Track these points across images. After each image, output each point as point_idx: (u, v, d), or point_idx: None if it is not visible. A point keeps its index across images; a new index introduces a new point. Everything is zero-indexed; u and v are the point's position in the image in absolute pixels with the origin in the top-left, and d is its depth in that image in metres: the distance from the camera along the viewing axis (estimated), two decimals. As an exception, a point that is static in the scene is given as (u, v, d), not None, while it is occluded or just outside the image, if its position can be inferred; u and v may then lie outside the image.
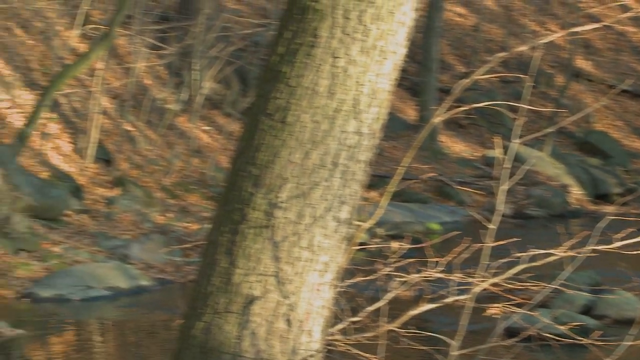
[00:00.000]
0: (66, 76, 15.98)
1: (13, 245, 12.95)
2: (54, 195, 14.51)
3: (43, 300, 12.03)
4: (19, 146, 15.18)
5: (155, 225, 15.35)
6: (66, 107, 17.52)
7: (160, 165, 17.58)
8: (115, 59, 18.83)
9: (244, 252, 3.97)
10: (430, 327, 5.46)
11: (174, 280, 13.32)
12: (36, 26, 18.63)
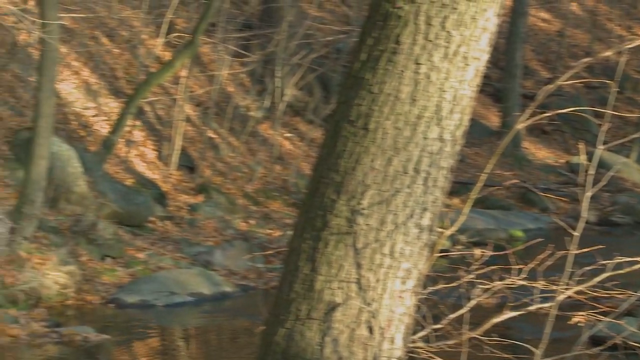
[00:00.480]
0: (151, 84, 16.17)
1: (99, 251, 13.11)
2: (139, 202, 14.67)
3: (128, 306, 12.15)
4: (104, 154, 15.39)
5: (237, 232, 15.43)
6: (151, 115, 17.72)
7: (243, 172, 17.68)
8: (199, 67, 19.01)
9: (326, 258, 3.97)
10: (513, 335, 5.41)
11: (256, 287, 13.37)
12: (122, 35, 18.87)
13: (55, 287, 11.89)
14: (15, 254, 11.90)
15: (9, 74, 16.16)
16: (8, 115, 15.22)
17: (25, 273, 11.71)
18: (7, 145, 14.47)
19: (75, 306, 11.98)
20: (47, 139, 12.70)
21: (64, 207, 13.70)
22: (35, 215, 12.44)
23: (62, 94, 16.54)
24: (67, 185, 13.76)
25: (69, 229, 13.13)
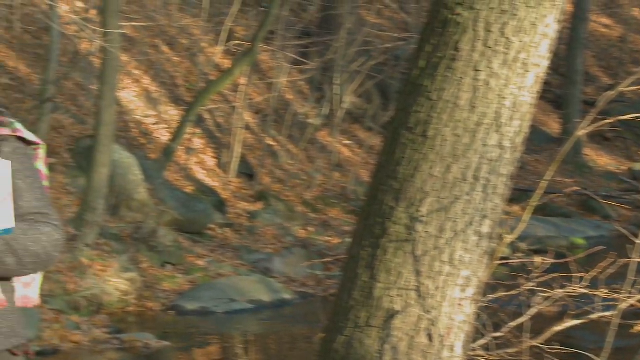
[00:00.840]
0: (210, 92, 16.27)
1: (159, 258, 13.20)
2: (199, 210, 14.75)
3: (188, 313, 12.22)
4: (165, 161, 15.50)
5: (296, 239, 15.46)
6: (210, 123, 17.82)
7: (302, 180, 17.72)
8: (258, 75, 19.09)
9: (385, 266, 3.96)
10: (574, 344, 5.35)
11: (315, 294, 13.38)
12: (182, 43, 19.02)
13: (116, 294, 11.99)
14: (77, 260, 12.02)
15: (71, 82, 16.35)
16: (70, 123, 15.40)
17: (87, 280, 11.83)
18: (69, 153, 14.64)
19: (136, 313, 12.07)
20: (109, 146, 12.82)
21: (125, 214, 13.82)
22: (96, 223, 12.56)
23: (123, 102, 16.70)
24: (128, 193, 13.87)
25: (130, 236, 13.24)
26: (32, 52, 16.63)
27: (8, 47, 16.38)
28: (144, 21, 17.47)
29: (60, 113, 15.18)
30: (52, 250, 2.57)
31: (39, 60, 16.30)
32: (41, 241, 2.53)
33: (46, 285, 11.21)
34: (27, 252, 2.50)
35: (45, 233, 2.55)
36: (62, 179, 14.05)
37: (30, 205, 2.56)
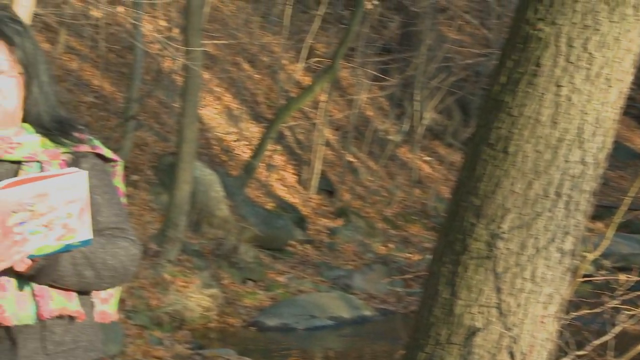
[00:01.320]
0: (291, 109, 16.34)
1: (240, 274, 13.27)
2: (279, 226, 14.80)
3: (269, 329, 12.26)
4: (246, 178, 15.60)
5: (377, 256, 15.44)
6: (291, 139, 17.90)
7: (382, 196, 17.70)
8: (338, 91, 19.13)
9: (466, 283, 3.94)
10: (660, 363, 5.26)
11: (395, 311, 13.33)
12: (263, 61, 19.15)
13: (198, 310, 12.07)
14: (159, 276, 12.14)
15: (154, 100, 16.56)
16: (153, 140, 15.58)
17: (169, 296, 11.93)
18: (152, 169, 14.80)
19: (217, 329, 12.14)
20: (191, 163, 12.94)
21: (207, 230, 13.92)
22: (178, 239, 12.67)
23: (204, 119, 16.86)
24: (210, 209, 13.98)
25: (212, 253, 13.33)
26: (116, 70, 16.88)
27: (93, 65, 16.65)
28: (226, 39, 17.63)
29: (144, 130, 15.38)
30: (129, 265, 2.60)
31: (123, 79, 16.54)
32: (119, 255, 2.57)
33: (129, 300, 11.34)
34: (105, 265, 2.54)
35: (122, 247, 2.58)
36: (145, 196, 14.21)
37: (108, 220, 2.60)
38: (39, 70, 2.57)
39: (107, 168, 2.69)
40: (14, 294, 2.46)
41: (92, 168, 2.60)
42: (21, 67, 2.54)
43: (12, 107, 2.54)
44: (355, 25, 16.28)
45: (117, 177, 2.72)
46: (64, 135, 2.59)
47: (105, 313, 2.72)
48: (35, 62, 2.56)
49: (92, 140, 2.65)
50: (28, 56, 2.55)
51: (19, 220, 2.33)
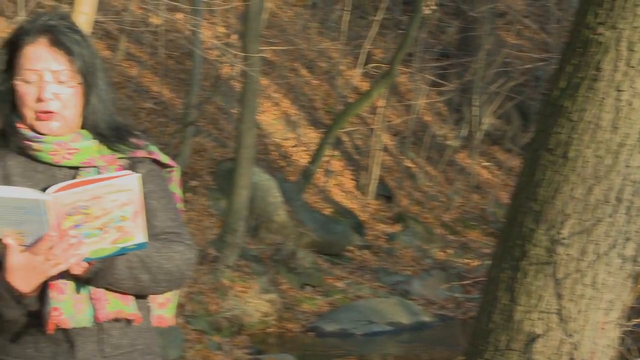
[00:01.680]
0: (349, 114, 16.34)
1: (299, 280, 13.29)
2: (337, 231, 14.81)
3: (327, 334, 12.25)
4: (303, 183, 15.62)
5: (435, 261, 15.39)
6: (348, 145, 17.90)
7: (440, 202, 17.64)
8: (396, 97, 19.11)
9: (525, 288, 3.91)
10: None
11: (454, 317, 13.27)
12: (320, 66, 19.17)
13: (257, 315, 12.11)
14: (218, 282, 12.19)
15: (212, 106, 16.65)
16: (211, 146, 15.67)
17: (228, 301, 11.98)
18: (211, 175, 14.88)
19: (276, 334, 12.17)
20: (249, 169, 12.99)
21: (265, 236, 13.97)
22: (237, 244, 12.72)
23: (262, 125, 16.92)
24: (268, 215, 14.02)
25: (270, 258, 13.37)
26: (175, 77, 17.00)
27: (152, 72, 16.79)
28: (284, 45, 17.69)
29: (202, 136, 15.47)
30: (185, 269, 2.63)
31: (182, 85, 16.65)
32: (174, 259, 2.59)
33: (189, 305, 11.41)
34: (161, 269, 2.56)
35: (178, 251, 2.61)
36: (204, 201, 14.29)
37: (164, 225, 2.63)
38: (97, 79, 2.61)
39: (164, 174, 2.73)
40: (71, 297, 2.49)
41: (149, 173, 2.63)
42: (80, 76, 2.58)
43: (71, 116, 2.58)
44: (413, 30, 16.24)
45: (173, 183, 2.75)
46: (120, 142, 2.64)
47: (163, 317, 2.75)
48: (94, 70, 2.60)
49: (148, 146, 2.69)
50: (87, 65, 2.59)
51: (74, 223, 2.36)
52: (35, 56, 2.55)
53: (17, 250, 2.38)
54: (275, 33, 18.80)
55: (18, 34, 2.59)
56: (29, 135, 2.56)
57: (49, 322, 2.46)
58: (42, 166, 2.58)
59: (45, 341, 2.50)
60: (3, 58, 2.60)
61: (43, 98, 2.53)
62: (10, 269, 2.39)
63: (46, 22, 2.58)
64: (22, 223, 2.36)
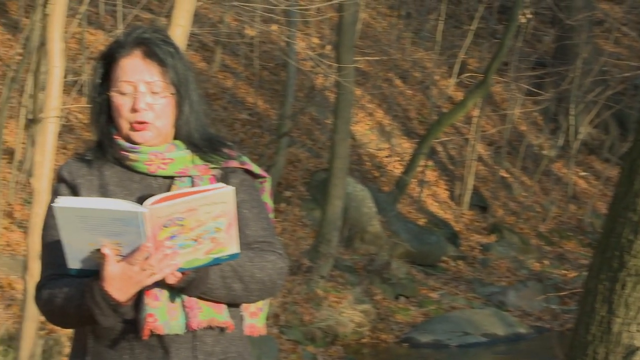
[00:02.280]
0: (443, 124, 16.27)
1: (393, 290, 13.26)
2: (431, 242, 14.74)
3: (421, 346, 12.20)
4: (398, 193, 15.59)
5: (531, 272, 15.22)
6: (442, 155, 17.83)
7: (536, 212, 17.45)
8: (491, 106, 18.97)
9: (624, 300, 3.85)
10: None
11: (551, 329, 13.11)
12: (414, 76, 19.14)
13: (351, 325, 12.11)
14: (312, 292, 12.23)
15: (306, 117, 16.73)
16: (305, 157, 15.73)
17: (322, 311, 12.00)
18: (305, 186, 14.94)
19: (370, 344, 12.15)
20: (343, 179, 13.01)
21: (359, 246, 13.97)
22: (331, 255, 12.75)
23: (356, 135, 16.95)
24: (362, 225, 14.03)
25: (364, 268, 13.36)
26: (270, 88, 17.12)
27: (247, 83, 16.93)
28: (378, 55, 17.69)
29: (296, 147, 15.54)
30: (277, 278, 2.66)
31: (276, 96, 16.76)
32: (266, 269, 2.62)
33: (283, 315, 11.47)
34: (253, 278, 2.60)
35: (270, 261, 2.64)
36: (298, 212, 14.35)
37: (257, 234, 2.67)
38: (189, 90, 2.66)
39: (256, 184, 2.76)
40: (165, 304, 2.54)
41: (241, 183, 2.67)
42: (173, 87, 2.63)
43: (164, 126, 2.63)
44: (509, 39, 16.11)
45: (265, 193, 2.78)
46: (213, 152, 2.69)
47: (254, 326, 2.77)
48: (186, 82, 2.65)
49: (241, 156, 2.73)
50: (179, 77, 2.64)
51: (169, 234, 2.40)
52: (130, 68, 2.61)
53: (114, 261, 2.44)
54: (369, 43, 18.82)
55: (113, 47, 2.66)
56: (126, 145, 2.62)
57: (144, 328, 2.51)
58: (138, 176, 2.64)
59: (140, 347, 2.56)
60: (99, 71, 2.67)
61: (137, 108, 2.59)
62: (107, 279, 2.44)
63: (140, 35, 2.65)
64: (119, 234, 2.41)
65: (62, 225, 2.40)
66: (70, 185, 2.64)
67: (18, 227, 10.91)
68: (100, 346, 2.59)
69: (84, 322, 2.55)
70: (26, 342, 6.20)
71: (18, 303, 8.95)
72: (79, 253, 2.46)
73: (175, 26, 6.04)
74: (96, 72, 2.67)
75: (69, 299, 2.52)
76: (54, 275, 2.58)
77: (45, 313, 2.62)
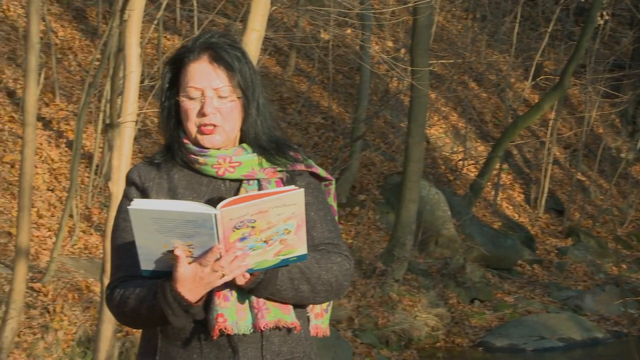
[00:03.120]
0: (519, 127, 16.16)
1: (467, 294, 13.20)
2: (507, 246, 14.65)
3: (496, 350, 12.12)
4: (472, 197, 15.52)
5: (608, 276, 15.05)
6: (518, 158, 17.70)
7: (614, 215, 17.24)
8: (567, 109, 18.80)
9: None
10: None
11: (629, 333, 12.93)
12: (490, 79, 19.03)
13: (425, 329, 12.08)
14: (387, 295, 12.22)
15: (381, 120, 16.72)
16: (379, 160, 15.73)
17: (396, 314, 11.99)
18: (379, 189, 14.94)
19: (444, 348, 12.11)
20: (417, 182, 12.99)
21: (433, 249, 13.93)
22: (405, 258, 12.73)
23: (431, 138, 16.90)
24: (436, 229, 13.98)
25: (438, 272, 13.32)
26: (344, 91, 17.14)
27: (321, 87, 16.97)
28: (452, 58, 17.63)
29: (371, 150, 15.55)
30: (343, 280, 2.68)
31: (350, 100, 16.78)
32: (333, 270, 2.65)
33: (357, 319, 11.48)
34: (320, 280, 2.63)
35: (336, 262, 2.66)
36: (372, 215, 14.35)
37: (323, 236, 2.70)
38: (256, 93, 2.69)
39: (322, 187, 2.79)
40: (234, 305, 2.57)
41: (307, 186, 2.70)
42: (240, 91, 2.66)
43: (231, 129, 2.66)
44: (586, 41, 15.94)
45: (330, 196, 2.81)
46: (280, 155, 2.71)
47: (319, 327, 2.80)
48: (253, 85, 2.68)
49: (307, 159, 2.76)
50: (246, 80, 2.67)
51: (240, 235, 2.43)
52: (198, 73, 2.65)
53: (185, 262, 2.47)
54: (444, 46, 18.76)
55: (181, 52, 2.70)
56: (194, 149, 2.66)
57: (215, 328, 2.54)
58: (206, 179, 2.68)
59: (209, 347, 2.60)
60: (167, 75, 2.71)
61: (206, 112, 2.63)
62: (179, 280, 2.48)
63: (208, 40, 2.68)
64: (192, 236, 2.44)
65: (136, 227, 2.44)
66: (140, 188, 2.69)
67: (96, 230, 11.07)
68: (169, 346, 2.63)
69: (155, 323, 2.59)
70: (103, 344, 6.30)
71: (96, 305, 9.09)
72: (152, 255, 2.50)
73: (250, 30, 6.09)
74: (165, 77, 2.71)
75: (141, 300, 2.56)
76: (125, 277, 2.63)
77: (116, 314, 2.66)
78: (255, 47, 6.11)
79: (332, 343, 10.30)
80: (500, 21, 19.69)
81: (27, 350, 8.17)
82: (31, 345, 8.30)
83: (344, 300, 11.74)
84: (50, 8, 14.83)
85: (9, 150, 11.72)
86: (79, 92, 13.09)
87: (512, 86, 18.81)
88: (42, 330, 8.61)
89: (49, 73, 13.08)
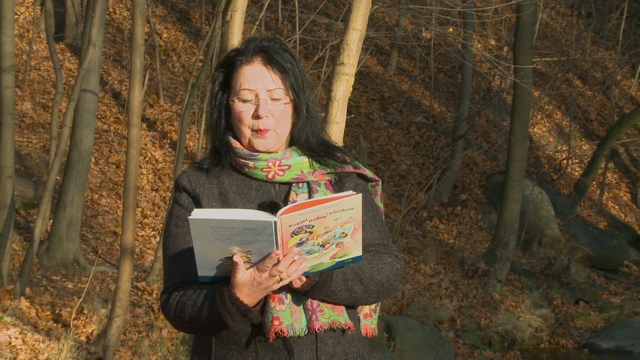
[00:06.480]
0: (625, 125, 15.88)
1: (572, 295, 13.03)
2: (612, 246, 14.42)
3: (602, 352, 11.94)
4: (577, 196, 15.31)
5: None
6: (624, 157, 17.41)
7: None
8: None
9: None
10: None
11: None
12: (595, 76, 18.75)
13: (528, 330, 11.96)
14: (489, 296, 12.12)
15: (483, 119, 16.59)
16: (482, 159, 15.61)
17: (499, 315, 11.89)
18: (481, 188, 14.83)
19: (549, 350, 11.97)
20: (520, 182, 12.86)
21: (536, 250, 13.77)
22: (508, 258, 12.61)
23: (534, 137, 16.71)
24: (539, 228, 13.83)
25: (542, 272, 13.17)
26: (446, 90, 17.05)
27: (423, 86, 16.91)
28: (556, 56, 17.41)
29: (472, 149, 15.44)
30: (394, 280, 2.69)
31: (452, 99, 16.68)
32: (384, 270, 2.66)
33: (459, 319, 11.41)
34: (372, 280, 2.64)
35: (387, 263, 2.67)
36: (474, 215, 14.25)
37: (373, 237, 2.70)
38: (306, 96, 2.69)
39: (369, 188, 2.79)
40: (289, 308, 2.58)
41: (355, 187, 2.71)
42: (292, 93, 2.66)
43: (283, 132, 2.67)
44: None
45: (377, 197, 2.80)
46: (329, 157, 2.72)
47: (368, 328, 2.80)
48: (304, 88, 2.69)
49: (354, 160, 2.77)
50: (298, 83, 2.68)
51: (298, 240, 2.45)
52: (252, 75, 2.66)
53: (243, 268, 2.49)
54: (548, 44, 18.54)
55: (233, 55, 2.71)
56: (244, 153, 2.67)
57: (270, 331, 2.56)
58: (256, 183, 2.69)
59: (265, 350, 2.61)
60: (219, 78, 2.72)
61: (260, 114, 2.64)
62: (238, 285, 2.50)
63: (260, 43, 2.69)
64: (251, 242, 2.47)
65: (196, 235, 2.46)
66: (191, 194, 2.70)
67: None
68: (224, 349, 2.65)
69: (212, 328, 2.61)
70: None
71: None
72: (210, 261, 2.53)
73: (351, 30, 6.09)
74: (215, 80, 2.72)
75: (198, 305, 2.58)
76: (180, 283, 2.65)
77: (172, 319, 2.68)
78: (357, 47, 6.10)
79: (434, 343, 10.25)
80: (606, 18, 19.38)
81: (132, 349, 8.29)
82: (136, 343, 8.42)
83: (446, 300, 11.69)
84: (155, 10, 15.04)
85: (114, 151, 11.92)
86: (182, 93, 13.26)
87: (618, 84, 18.50)
88: (147, 328, 8.73)
89: (153, 74, 13.28)
